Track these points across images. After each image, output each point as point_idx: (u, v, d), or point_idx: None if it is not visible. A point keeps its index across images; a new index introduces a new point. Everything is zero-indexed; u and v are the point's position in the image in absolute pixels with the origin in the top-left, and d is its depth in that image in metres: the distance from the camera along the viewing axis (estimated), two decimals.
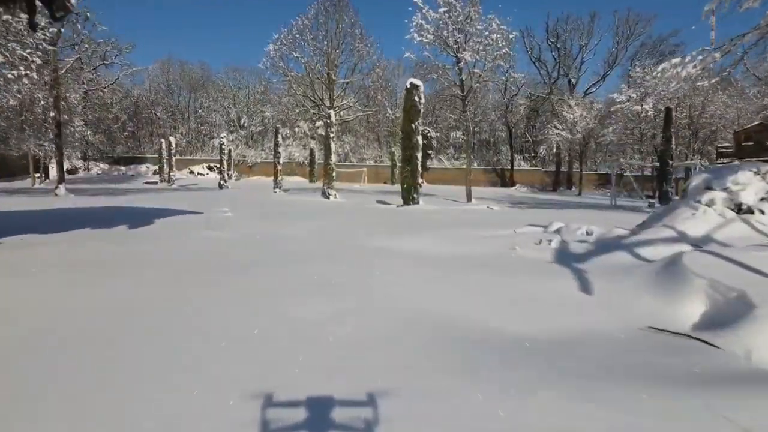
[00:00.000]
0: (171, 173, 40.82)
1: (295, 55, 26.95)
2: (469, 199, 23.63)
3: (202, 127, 65.35)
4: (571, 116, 42.87)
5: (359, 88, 27.23)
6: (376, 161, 61.97)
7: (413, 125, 16.49)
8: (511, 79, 27.04)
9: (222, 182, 35.98)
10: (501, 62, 23.11)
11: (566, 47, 53.45)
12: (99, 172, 55.26)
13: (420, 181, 16.71)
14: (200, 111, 65.90)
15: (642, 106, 38.14)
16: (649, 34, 54.51)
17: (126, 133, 63.08)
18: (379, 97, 25.79)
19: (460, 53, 22.25)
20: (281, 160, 30.62)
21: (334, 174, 22.94)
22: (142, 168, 57.11)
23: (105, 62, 52.68)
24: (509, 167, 58.95)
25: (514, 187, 52.54)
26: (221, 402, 2.98)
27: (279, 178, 30.20)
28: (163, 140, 43.22)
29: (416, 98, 16.37)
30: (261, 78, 27.77)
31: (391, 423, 2.76)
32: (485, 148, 65.39)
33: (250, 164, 59.15)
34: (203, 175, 55.88)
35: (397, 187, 37.79)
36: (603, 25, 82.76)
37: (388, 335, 4.19)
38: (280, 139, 30.27)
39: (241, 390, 3.11)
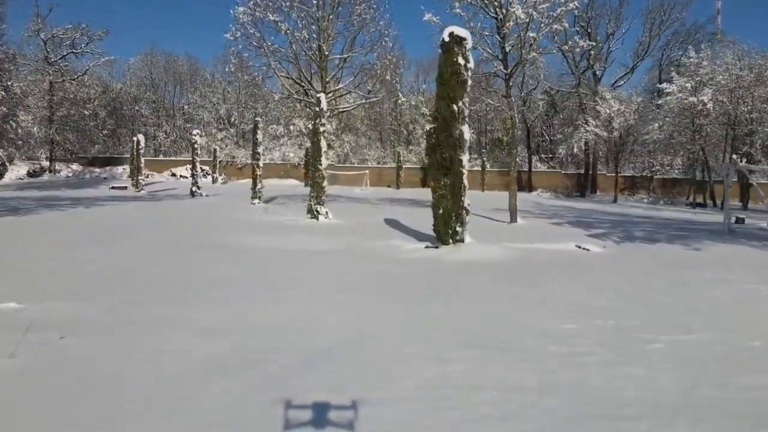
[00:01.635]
0: (139, 177, 33.64)
1: (273, 19, 19.79)
2: (513, 217, 16.54)
3: (188, 125, 58.19)
4: (607, 111, 35.69)
5: (360, 69, 20.38)
6: (379, 162, 54.88)
7: (455, 106, 9.27)
8: (566, 49, 19.63)
9: (195, 189, 28.90)
10: (561, 24, 15.96)
11: (592, 34, 46.17)
12: (69, 174, 48.06)
13: (466, 203, 9.58)
14: (186, 107, 58.77)
15: (697, 97, 30.95)
16: (683, 21, 47.19)
17: (105, 132, 55.95)
18: (387, 77, 18.57)
19: (509, 9, 15.09)
20: (262, 163, 23.50)
21: (324, 184, 15.81)
22: (119, 170, 49.97)
23: (74, 51, 45.68)
24: (525, 169, 51.80)
25: (535, 193, 45.43)
26: None
27: (258, 186, 23.08)
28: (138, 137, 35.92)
29: (460, 61, 9.13)
30: (232, 52, 20.57)
31: None
32: (497, 148, 58.22)
33: (239, 165, 52.03)
34: (186, 177, 48.71)
35: (404, 192, 30.56)
36: (632, 12, 75.21)
37: None
38: (260, 136, 23.17)
39: None
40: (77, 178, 46.07)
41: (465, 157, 10.00)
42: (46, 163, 47.30)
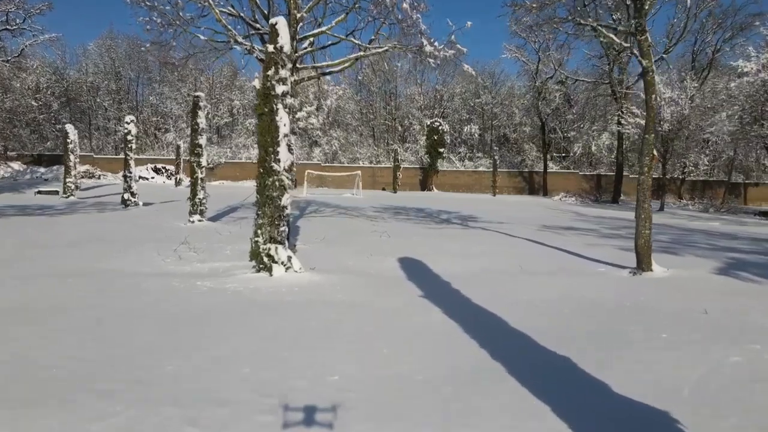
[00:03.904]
0: (68, 179, 25.15)
1: None
2: (645, 261, 8.46)
3: (155, 119, 49.46)
4: (658, 99, 27.78)
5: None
6: (372, 161, 46.65)
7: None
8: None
9: (128, 197, 20.68)
10: None
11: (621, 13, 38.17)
12: (6, 174, 39.16)
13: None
14: (152, 99, 49.97)
15: None
16: (720, 1, 39.35)
17: (59, 126, 46.98)
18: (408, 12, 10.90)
19: None
20: (204, 160, 15.21)
21: (285, 200, 7.61)
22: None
23: (8, 27, 36.83)
24: (538, 170, 43.86)
25: (556, 198, 37.45)
26: None
27: (200, 195, 14.81)
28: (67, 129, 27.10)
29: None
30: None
31: None
32: (504, 146, 50.24)
33: (211, 165, 43.50)
34: (147, 179, 40.18)
35: (404, 197, 22.94)
36: None
37: None
38: (201, 119, 14.86)
39: None
40: (12, 179, 37.29)
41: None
42: None
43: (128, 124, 21.22)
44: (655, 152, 8.83)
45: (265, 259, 7.55)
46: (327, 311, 5.83)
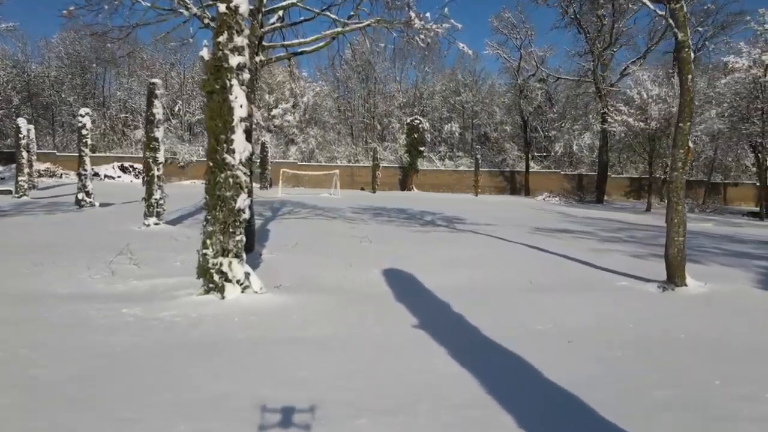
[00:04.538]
0: (20, 177, 22.97)
1: None
2: (677, 274, 7.02)
3: (123, 115, 46.89)
4: (644, 96, 26.82)
5: None
6: (350, 161, 44.92)
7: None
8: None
9: (83, 197, 18.73)
10: None
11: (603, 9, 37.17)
12: None
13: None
14: (120, 94, 47.39)
15: None
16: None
17: None
18: None
19: None
20: (161, 156, 13.34)
21: (242, 201, 5.93)
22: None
23: None
24: (520, 170, 42.71)
25: (539, 198, 36.29)
26: None
27: (156, 195, 12.95)
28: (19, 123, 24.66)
29: None
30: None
31: None
32: (485, 145, 48.98)
33: (181, 164, 41.29)
34: (113, 178, 37.77)
35: (384, 197, 21.65)
36: None
37: None
38: (158, 109, 13.02)
39: None
40: None
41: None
42: None
43: (83, 117, 19.16)
44: (691, 144, 7.41)
45: (216, 277, 5.86)
46: (291, 356, 4.19)
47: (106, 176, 37.52)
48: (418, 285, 7.11)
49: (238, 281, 5.93)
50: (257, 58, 9.10)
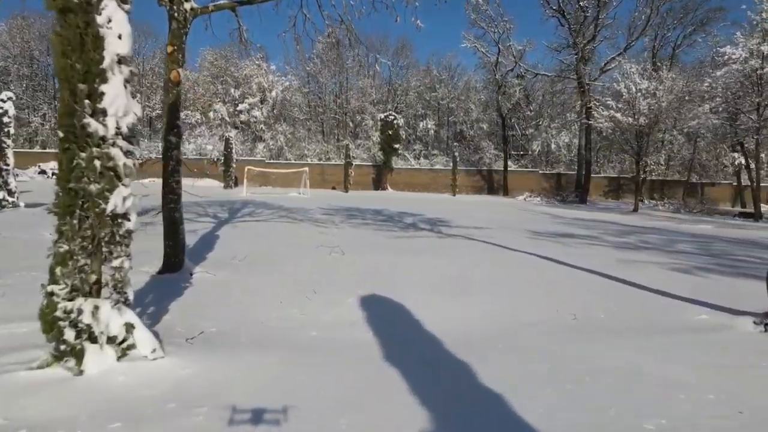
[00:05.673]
0: None
1: None
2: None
3: None
4: (632, 90, 25.05)
5: None
6: (321, 159, 42.19)
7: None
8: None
9: (3, 196, 15.70)
10: None
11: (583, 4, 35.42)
12: None
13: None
14: None
15: None
16: None
17: None
18: None
19: None
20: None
21: (128, 213, 3.33)
22: None
23: None
24: (498, 169, 40.72)
25: (519, 198, 34.27)
26: None
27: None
28: None
29: None
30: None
31: None
32: (461, 143, 46.89)
33: (141, 161, 37.86)
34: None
35: (356, 197, 19.85)
36: None
37: None
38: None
39: None
40: None
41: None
42: None
43: (4, 102, 16.11)
44: None
45: (69, 336, 3.29)
46: None
47: (54, 173, 33.96)
48: (415, 329, 4.67)
49: (111, 339, 3.36)
50: (186, 4, 6.52)
